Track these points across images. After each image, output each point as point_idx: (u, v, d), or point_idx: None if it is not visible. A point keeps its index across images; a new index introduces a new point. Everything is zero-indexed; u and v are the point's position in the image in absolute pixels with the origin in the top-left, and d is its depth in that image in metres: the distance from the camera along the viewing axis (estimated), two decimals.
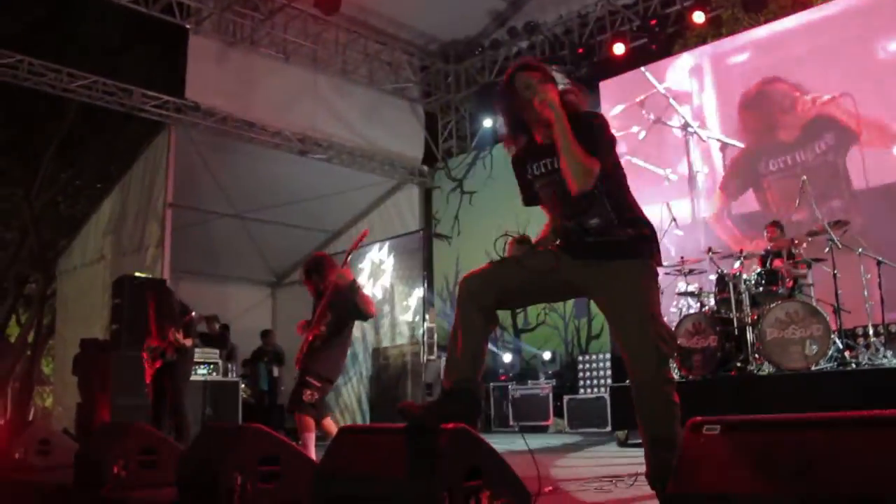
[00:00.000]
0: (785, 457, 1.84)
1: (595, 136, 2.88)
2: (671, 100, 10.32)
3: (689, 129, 10.15)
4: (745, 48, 9.71)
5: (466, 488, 2.58)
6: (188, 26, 9.86)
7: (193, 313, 6.69)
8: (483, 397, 2.91)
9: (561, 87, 3.00)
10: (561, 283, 3.00)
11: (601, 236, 2.89)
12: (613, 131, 3.04)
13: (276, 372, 11.05)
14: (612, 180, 2.93)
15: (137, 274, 8.69)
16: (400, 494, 2.60)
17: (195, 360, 7.44)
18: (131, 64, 9.77)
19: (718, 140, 9.78)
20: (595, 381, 9.83)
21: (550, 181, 2.96)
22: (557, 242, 3.03)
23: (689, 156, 10.09)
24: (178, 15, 9.70)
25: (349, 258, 5.40)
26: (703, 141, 9.99)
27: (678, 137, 10.22)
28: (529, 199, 3.15)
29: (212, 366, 8.59)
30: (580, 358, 10.19)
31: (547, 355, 10.53)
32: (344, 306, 5.28)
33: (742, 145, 9.59)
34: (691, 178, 9.92)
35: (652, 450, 2.84)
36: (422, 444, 2.66)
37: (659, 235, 3.07)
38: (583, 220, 2.91)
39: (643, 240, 2.93)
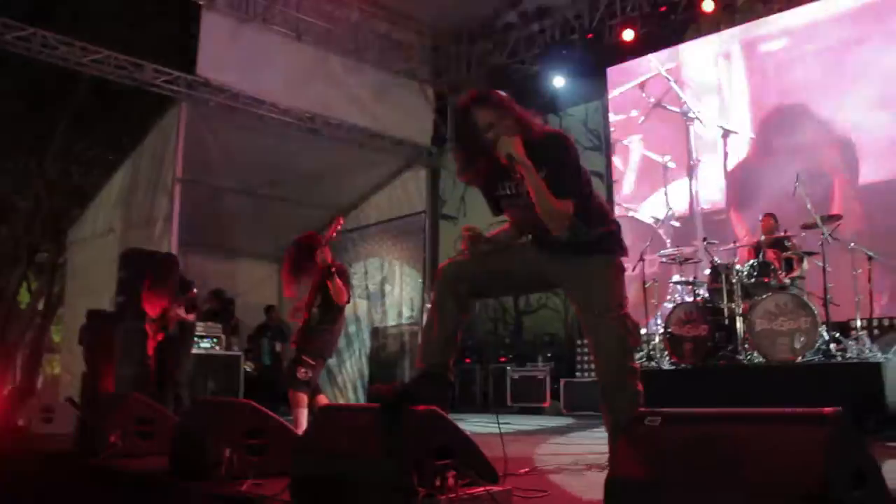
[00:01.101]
0: (716, 449, 1.97)
1: (561, 168, 2.95)
2: (672, 83, 10.36)
3: (690, 115, 10.21)
4: (757, 37, 9.71)
5: (434, 467, 2.73)
6: (201, 2, 9.95)
7: (195, 290, 6.85)
8: (454, 380, 3.03)
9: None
10: (533, 275, 3.16)
11: (571, 238, 3.03)
12: (612, 116, 3.13)
13: (278, 347, 11.25)
14: (581, 199, 3.03)
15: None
16: (371, 472, 2.75)
17: (198, 333, 7.62)
18: (143, 39, 9.87)
19: (721, 128, 9.83)
20: (592, 366, 9.94)
21: (516, 203, 3.09)
22: (530, 238, 3.16)
23: (689, 143, 10.14)
24: None
25: (327, 243, 5.47)
26: (705, 128, 10.03)
27: (679, 123, 10.26)
28: (499, 211, 3.26)
29: (215, 339, 8.78)
30: (578, 342, 10.32)
31: (546, 338, 10.68)
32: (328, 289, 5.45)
33: (751, 134, 9.59)
34: (691, 168, 9.97)
35: (615, 437, 2.99)
36: (393, 425, 2.81)
37: (656, 226, 3.20)
38: (553, 234, 3.03)
39: (609, 235, 3.07)
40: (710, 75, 10.12)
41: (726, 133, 9.74)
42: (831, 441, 1.82)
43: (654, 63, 10.60)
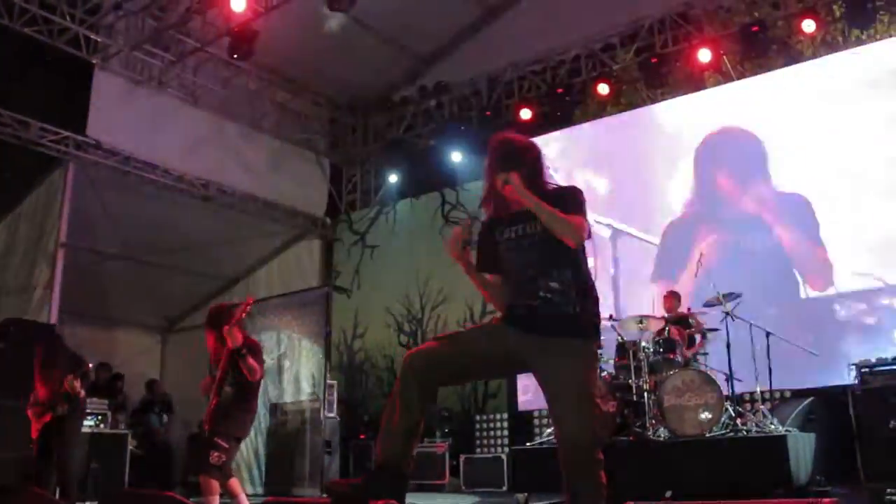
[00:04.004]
0: None
1: (576, 202, 3.03)
2: (552, 172, 10.64)
3: None
4: (645, 124, 10.19)
5: None
6: (94, 61, 9.58)
7: (91, 365, 6.37)
8: (411, 473, 2.92)
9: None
10: (504, 357, 3.06)
11: (553, 307, 2.97)
12: None
13: (165, 419, 10.66)
14: (579, 250, 3.06)
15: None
16: None
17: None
18: (29, 96, 9.32)
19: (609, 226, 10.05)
20: (492, 441, 9.90)
21: (519, 244, 3.04)
22: (502, 314, 3.09)
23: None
24: (84, 49, 9.42)
25: (238, 322, 5.18)
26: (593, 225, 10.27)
27: None
28: (487, 264, 3.18)
29: (99, 417, 8.18)
30: (477, 417, 10.25)
31: (444, 413, 10.54)
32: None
33: (642, 235, 9.83)
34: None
35: None
36: None
37: None
38: (542, 281, 2.99)
39: (591, 320, 3.03)
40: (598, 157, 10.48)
41: (616, 233, 10.03)
42: None
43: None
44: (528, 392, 9.88)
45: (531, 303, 2.99)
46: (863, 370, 6.93)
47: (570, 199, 3.02)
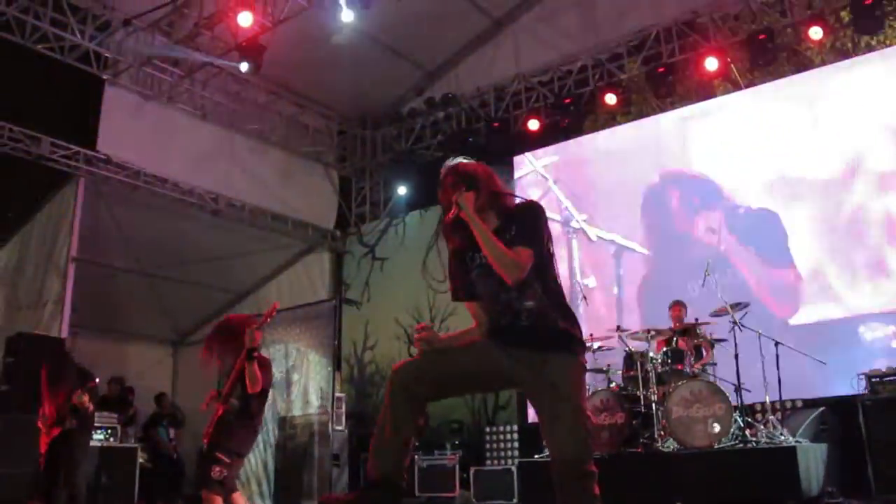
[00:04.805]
0: None
1: (526, 227, 3.00)
2: (552, 183, 10.69)
3: (572, 226, 10.43)
4: (655, 133, 10.16)
5: None
6: (104, 76, 9.66)
7: (97, 380, 6.39)
8: (405, 488, 2.93)
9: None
10: (492, 373, 3.05)
11: (535, 321, 2.96)
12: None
13: (172, 434, 10.67)
14: (543, 266, 3.02)
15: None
16: None
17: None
18: (40, 110, 9.40)
19: (612, 242, 10.08)
20: (502, 453, 9.84)
21: (490, 269, 3.02)
22: (486, 330, 3.08)
23: (571, 260, 10.34)
24: (94, 65, 9.51)
25: (261, 327, 5.21)
26: (591, 241, 10.27)
27: (558, 233, 10.34)
28: (459, 292, 3.17)
29: (109, 431, 8.20)
30: (487, 429, 10.20)
31: (454, 425, 10.52)
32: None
33: (645, 251, 9.81)
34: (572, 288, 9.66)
35: None
36: None
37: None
38: (518, 303, 2.99)
39: (575, 334, 3.02)
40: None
41: (620, 249, 10.00)
42: None
43: (529, 159, 11.02)
44: None
45: (512, 322, 2.99)
46: (872, 380, 6.86)
47: (520, 224, 3.00)
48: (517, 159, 11.30)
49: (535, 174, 11.04)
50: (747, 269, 8.86)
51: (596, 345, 7.84)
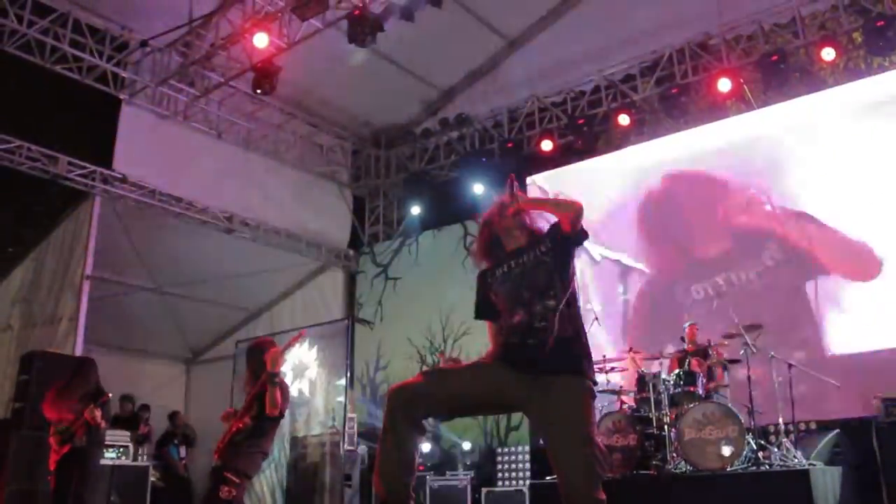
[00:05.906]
0: None
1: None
2: None
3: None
4: (673, 155, 10.15)
5: None
6: (121, 96, 9.77)
7: (109, 395, 6.40)
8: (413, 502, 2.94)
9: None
10: (496, 396, 3.03)
11: (544, 345, 2.94)
12: None
13: (183, 452, 10.68)
14: (566, 287, 3.08)
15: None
16: None
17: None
18: (57, 129, 9.52)
19: (616, 261, 10.09)
20: (514, 474, 9.79)
21: (510, 277, 3.08)
22: (495, 351, 3.08)
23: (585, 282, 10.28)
24: (112, 85, 9.63)
25: (286, 350, 5.26)
26: (596, 261, 10.26)
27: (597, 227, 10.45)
28: (484, 312, 3.21)
29: (121, 449, 8.22)
30: (499, 450, 10.15)
31: (467, 445, 10.46)
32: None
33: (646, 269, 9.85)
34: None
35: None
36: None
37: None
38: (538, 307, 2.99)
39: (587, 358, 3.01)
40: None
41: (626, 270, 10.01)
42: None
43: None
44: None
45: (524, 341, 2.98)
46: (888, 402, 6.79)
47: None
48: (529, 179, 11.31)
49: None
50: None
51: (608, 366, 7.81)
